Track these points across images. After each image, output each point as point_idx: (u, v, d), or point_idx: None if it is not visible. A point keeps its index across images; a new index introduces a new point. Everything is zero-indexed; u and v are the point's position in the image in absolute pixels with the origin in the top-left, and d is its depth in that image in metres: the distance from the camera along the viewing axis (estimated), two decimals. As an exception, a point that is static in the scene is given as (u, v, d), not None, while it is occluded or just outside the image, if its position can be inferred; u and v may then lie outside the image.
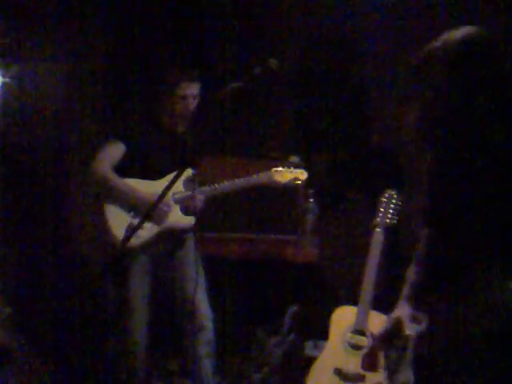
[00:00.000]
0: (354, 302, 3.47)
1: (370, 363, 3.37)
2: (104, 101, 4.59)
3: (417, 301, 2.13)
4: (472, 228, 1.92)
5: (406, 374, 2.04)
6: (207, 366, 3.75)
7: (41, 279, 4.30)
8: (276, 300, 4.21)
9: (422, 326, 2.04)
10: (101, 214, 3.68)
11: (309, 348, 4.24)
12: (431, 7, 4.20)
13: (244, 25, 4.65)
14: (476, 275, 1.89)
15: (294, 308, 4.29)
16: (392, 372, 2.07)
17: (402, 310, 2.15)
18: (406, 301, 2.16)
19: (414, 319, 2.10)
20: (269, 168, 3.74)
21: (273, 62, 2.78)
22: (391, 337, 2.14)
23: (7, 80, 4.30)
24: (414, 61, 2.03)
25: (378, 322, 3.40)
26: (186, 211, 3.70)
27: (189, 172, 3.67)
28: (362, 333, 3.40)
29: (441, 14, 4.11)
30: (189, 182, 3.67)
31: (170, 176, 3.30)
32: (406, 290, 2.18)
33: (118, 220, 3.63)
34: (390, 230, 3.51)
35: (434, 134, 2.03)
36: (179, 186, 3.69)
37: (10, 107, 4.37)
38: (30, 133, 4.40)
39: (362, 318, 3.42)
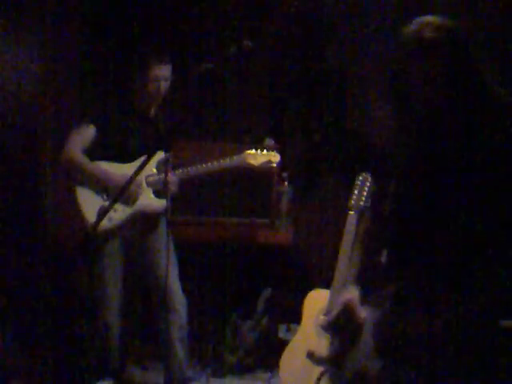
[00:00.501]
0: (327, 286, 3.47)
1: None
2: (76, 84, 4.53)
3: (370, 284, 2.08)
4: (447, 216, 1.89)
5: (365, 361, 1.99)
6: (180, 350, 3.74)
7: (12, 262, 4.25)
8: (249, 283, 4.21)
9: (382, 310, 1.98)
10: (72, 198, 3.65)
11: (282, 331, 4.26)
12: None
13: (218, 5, 4.61)
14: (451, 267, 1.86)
15: (267, 291, 4.29)
16: (342, 358, 2.02)
17: (351, 293, 2.08)
18: (356, 282, 2.11)
19: (367, 302, 2.04)
20: (242, 151, 3.73)
21: (247, 43, 2.75)
22: (342, 321, 2.07)
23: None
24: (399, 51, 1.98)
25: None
26: (158, 194, 3.67)
27: (162, 155, 3.64)
28: (334, 316, 3.41)
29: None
30: (162, 165, 3.65)
31: (142, 159, 3.27)
32: (354, 271, 2.14)
33: (89, 203, 3.60)
34: (363, 213, 3.51)
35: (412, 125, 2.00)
36: (152, 168, 3.67)
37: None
38: (1, 116, 4.33)
39: (335, 301, 3.41)
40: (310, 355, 3.42)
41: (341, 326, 2.08)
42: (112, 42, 4.49)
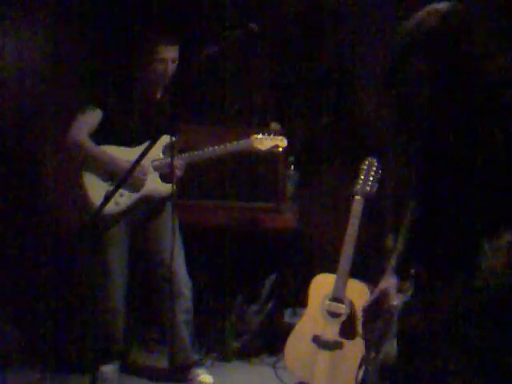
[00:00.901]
0: (334, 270, 3.47)
1: (348, 331, 3.38)
2: (82, 66, 4.51)
3: (403, 272, 2.11)
4: (468, 203, 1.88)
5: (389, 346, 2.03)
6: (185, 333, 3.75)
7: (18, 246, 4.25)
8: (255, 268, 4.21)
9: (407, 297, 2.03)
10: (79, 182, 3.64)
11: (288, 315, 4.26)
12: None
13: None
14: (470, 249, 1.86)
15: (273, 275, 4.29)
16: (376, 344, 2.06)
17: (389, 281, 2.13)
18: (393, 271, 2.14)
19: (400, 290, 2.09)
20: (249, 135, 3.71)
21: (253, 26, 2.73)
22: (377, 308, 2.12)
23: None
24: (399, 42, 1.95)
25: (356, 290, 3.41)
26: (164, 178, 3.67)
27: (168, 139, 3.63)
28: (340, 300, 3.41)
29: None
30: (168, 149, 3.63)
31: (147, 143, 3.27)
32: (393, 261, 2.16)
33: (96, 188, 3.59)
34: (370, 198, 3.50)
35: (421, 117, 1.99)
36: (159, 152, 3.65)
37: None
38: (5, 99, 4.32)
39: (341, 286, 3.42)
40: (316, 339, 3.44)
41: (373, 311, 2.12)
42: (118, 25, 4.47)
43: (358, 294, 3.37)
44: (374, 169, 3.50)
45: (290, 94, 4.62)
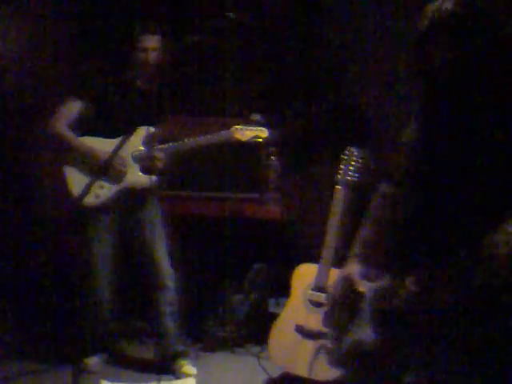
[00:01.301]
0: (316, 260, 3.47)
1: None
2: (65, 57, 4.49)
3: (374, 259, 2.09)
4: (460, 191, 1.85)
5: (361, 333, 2.00)
6: (170, 325, 3.75)
7: (2, 238, 4.24)
8: (238, 258, 4.20)
9: (380, 283, 2.00)
10: (60, 175, 3.63)
11: (271, 305, 4.27)
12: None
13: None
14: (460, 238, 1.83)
15: (257, 265, 4.29)
16: (341, 331, 2.04)
17: (352, 268, 2.11)
18: (357, 258, 2.12)
19: (367, 277, 2.06)
20: (229, 126, 3.70)
21: (230, 15, 2.72)
22: (342, 294, 2.11)
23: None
24: (420, 27, 1.90)
25: (338, 280, 3.41)
26: (145, 170, 3.65)
27: (148, 130, 3.61)
28: (322, 290, 3.41)
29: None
30: (149, 141, 3.62)
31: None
32: (356, 247, 2.15)
33: (77, 181, 3.58)
34: (352, 188, 3.49)
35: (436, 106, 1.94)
36: (138, 144, 3.64)
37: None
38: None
39: (323, 276, 3.42)
40: (299, 329, 3.44)
41: (340, 298, 2.08)
42: (101, 14, 4.44)
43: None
44: (355, 159, 3.50)
45: (273, 84, 4.61)
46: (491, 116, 1.82)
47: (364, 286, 2.03)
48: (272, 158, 4.21)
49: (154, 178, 3.64)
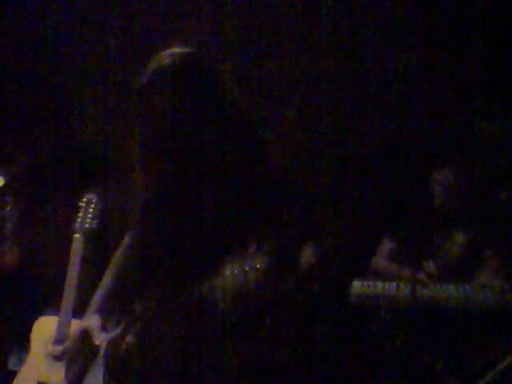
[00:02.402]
0: (58, 312, 3.36)
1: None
2: None
3: (114, 306, 2.08)
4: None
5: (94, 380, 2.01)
6: None
7: None
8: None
9: (115, 332, 2.00)
10: None
11: (12, 363, 4.05)
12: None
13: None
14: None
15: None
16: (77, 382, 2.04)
17: (90, 321, 2.10)
18: (96, 310, 2.11)
19: (104, 327, 2.05)
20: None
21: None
22: (79, 347, 2.09)
23: None
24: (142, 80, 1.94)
25: (79, 331, 3.33)
26: None
27: None
28: (63, 342, 3.30)
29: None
30: None
31: None
32: (95, 298, 2.13)
33: None
34: (91, 235, 3.44)
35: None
36: None
37: None
38: None
39: (64, 328, 3.31)
40: (41, 386, 3.29)
41: (76, 352, 2.07)
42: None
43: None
44: (93, 205, 3.45)
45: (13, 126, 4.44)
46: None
47: (100, 338, 2.02)
48: (7, 207, 4.03)
49: None
